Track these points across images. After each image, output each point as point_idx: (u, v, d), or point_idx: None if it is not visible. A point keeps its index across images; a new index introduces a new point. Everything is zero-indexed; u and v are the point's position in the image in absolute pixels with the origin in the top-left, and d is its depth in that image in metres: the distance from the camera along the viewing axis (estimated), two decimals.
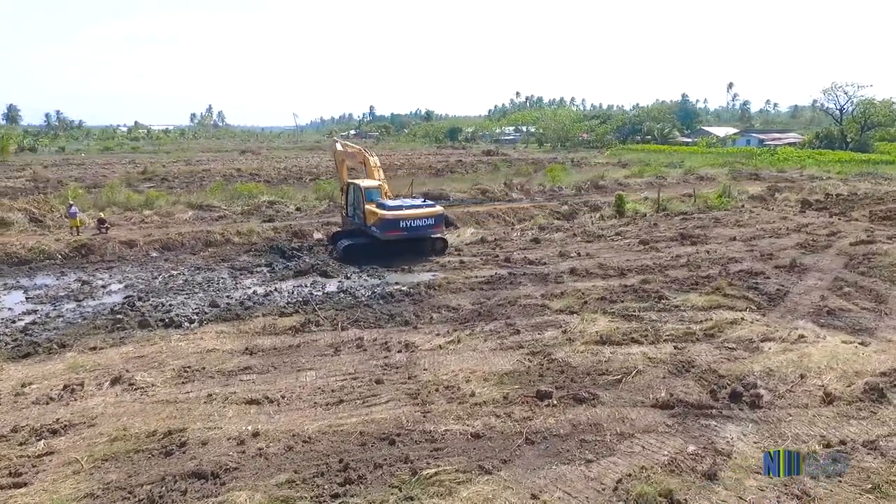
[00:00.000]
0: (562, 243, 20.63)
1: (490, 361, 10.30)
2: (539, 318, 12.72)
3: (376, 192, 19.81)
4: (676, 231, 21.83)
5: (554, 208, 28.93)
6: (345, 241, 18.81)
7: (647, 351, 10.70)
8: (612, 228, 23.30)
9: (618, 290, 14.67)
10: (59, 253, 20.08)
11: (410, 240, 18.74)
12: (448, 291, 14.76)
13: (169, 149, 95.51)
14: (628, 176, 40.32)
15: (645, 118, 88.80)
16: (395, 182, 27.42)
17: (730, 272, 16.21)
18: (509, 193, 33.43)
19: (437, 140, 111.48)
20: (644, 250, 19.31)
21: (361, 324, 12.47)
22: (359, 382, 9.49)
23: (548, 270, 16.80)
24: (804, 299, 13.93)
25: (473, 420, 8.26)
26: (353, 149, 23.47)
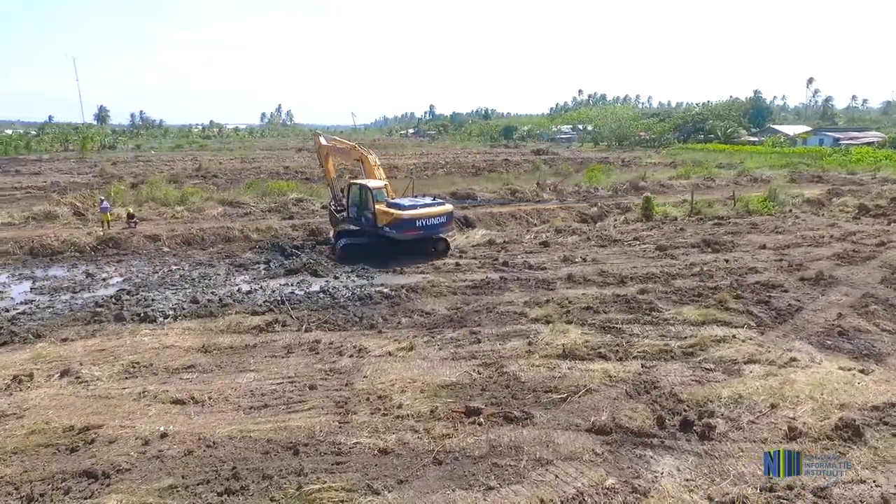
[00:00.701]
0: (571, 247, 19.70)
1: (436, 371, 9.85)
2: (511, 326, 12.10)
3: (383, 193, 19.61)
4: (701, 237, 20.34)
5: (581, 210, 27.81)
6: (343, 241, 18.77)
7: (610, 368, 9.90)
8: (634, 232, 22.05)
9: (609, 299, 13.77)
10: (88, 246, 21.16)
11: (417, 240, 18.50)
12: (429, 295, 14.35)
13: (233, 146, 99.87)
14: (673, 177, 38.24)
15: (708, 116, 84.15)
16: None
17: (743, 284, 14.88)
18: (540, 194, 32.47)
19: (491, 139, 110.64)
20: (658, 257, 18.10)
21: (327, 325, 12.30)
22: (293, 387, 9.30)
23: (544, 276, 16.03)
24: (817, 317, 12.54)
25: (389, 434, 7.87)
26: (345, 145, 22.75)
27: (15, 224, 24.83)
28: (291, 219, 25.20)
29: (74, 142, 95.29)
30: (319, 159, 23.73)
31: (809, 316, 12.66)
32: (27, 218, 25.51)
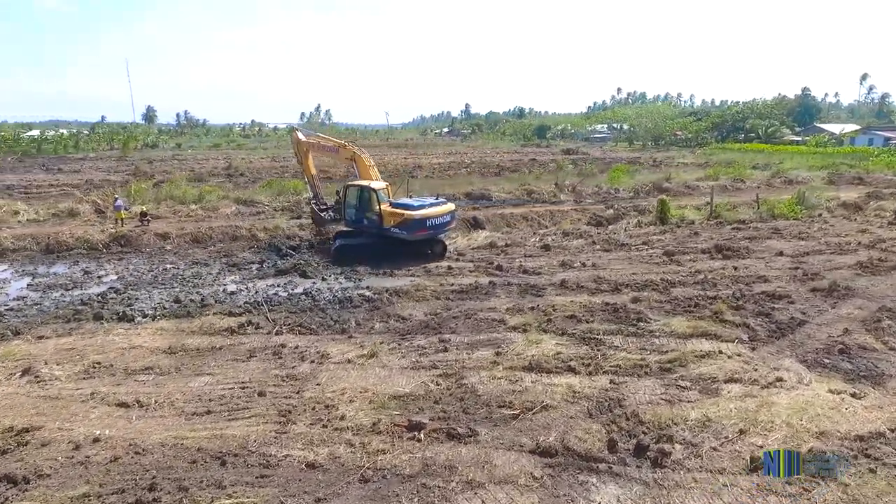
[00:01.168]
0: (574, 252, 18.99)
1: (392, 381, 9.50)
2: (486, 334, 11.63)
3: (386, 193, 19.35)
4: (715, 242, 19.30)
5: (597, 212, 26.94)
6: (338, 242, 18.62)
7: (576, 383, 9.35)
8: (644, 236, 21.14)
9: (598, 307, 13.12)
10: (100, 243, 21.70)
11: (418, 241, 18.22)
12: (412, 299, 14.01)
13: (269, 146, 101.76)
14: (701, 178, 36.70)
15: (749, 114, 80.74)
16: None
17: (746, 294, 13.98)
18: (557, 195, 31.67)
19: (524, 138, 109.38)
20: (663, 263, 17.25)
21: (299, 329, 12.11)
22: (242, 393, 9.12)
23: (536, 281, 15.46)
24: (820, 332, 11.61)
25: (322, 447, 7.57)
26: (331, 143, 21.85)
27: (40, 220, 25.72)
28: (299, 218, 25.24)
29: (119, 141, 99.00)
30: (297, 156, 22.75)
31: (812, 331, 11.73)
32: (52, 215, 26.42)
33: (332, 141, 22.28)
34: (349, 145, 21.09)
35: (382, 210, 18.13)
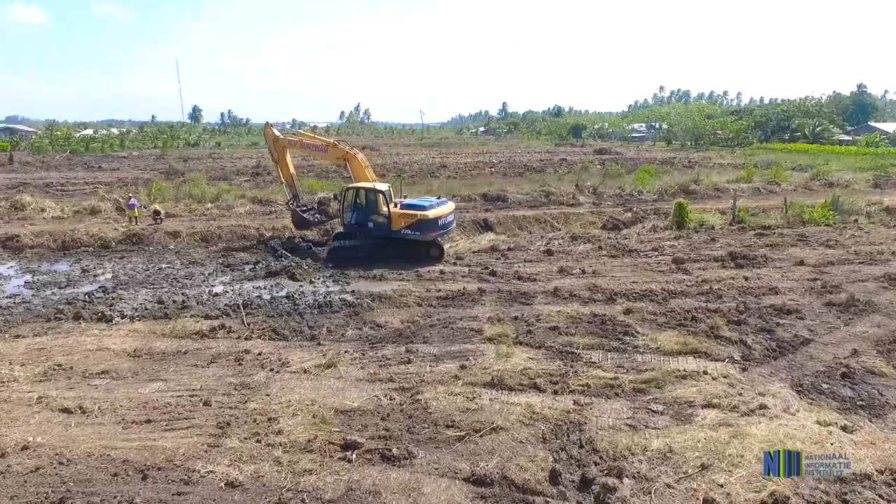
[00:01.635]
0: (578, 257, 18.17)
1: (343, 394, 9.09)
2: (458, 345, 11.09)
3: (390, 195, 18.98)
4: (730, 250, 18.13)
5: (613, 215, 25.88)
6: (334, 244, 18.36)
7: (537, 402, 8.73)
8: (657, 242, 20.09)
9: (585, 318, 12.38)
10: (114, 241, 22.14)
11: (418, 243, 17.87)
12: (393, 305, 13.57)
13: None
14: (733, 180, 34.92)
15: (795, 113, 76.79)
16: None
17: (751, 307, 12.97)
18: (576, 197, 30.63)
19: (559, 137, 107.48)
20: (669, 271, 16.27)
21: (271, 334, 11.86)
22: (189, 402, 8.88)
23: (528, 288, 14.79)
24: (824, 352, 10.60)
25: (249, 464, 7.23)
26: (319, 141, 20.50)
27: (64, 217, 26.50)
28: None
29: (163, 139, 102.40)
30: (272, 154, 21.18)
31: (816, 351, 10.72)
32: (75, 212, 27.21)
33: (319, 139, 21.04)
34: (340, 144, 20.18)
35: (391, 212, 17.75)
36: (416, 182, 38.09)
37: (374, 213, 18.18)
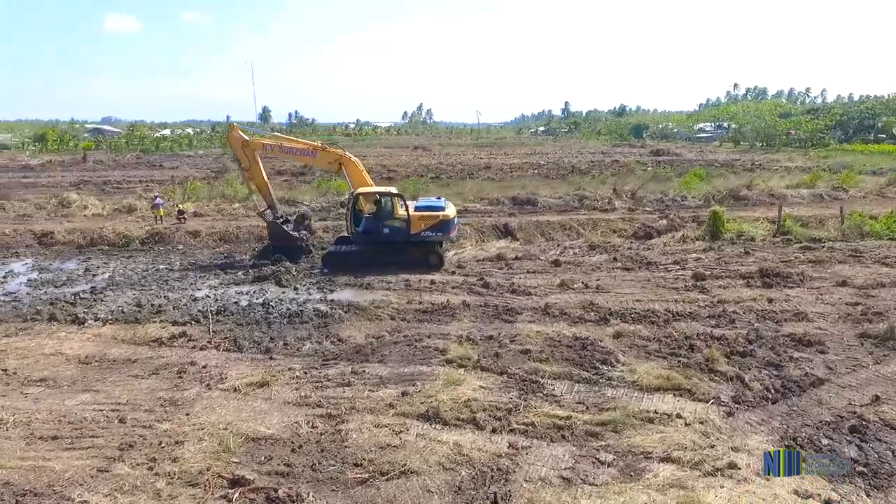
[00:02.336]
0: (587, 269, 16.74)
1: (264, 418, 8.42)
2: (413, 366, 10.20)
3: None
4: (763, 265, 16.14)
5: (648, 222, 24.02)
6: (332, 248, 17.86)
7: (468, 442, 7.73)
8: (682, 254, 18.27)
9: (565, 341, 11.16)
10: (137, 239, 22.73)
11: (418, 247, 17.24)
12: (365, 318, 12.82)
13: (362, 144, 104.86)
14: (793, 185, 31.81)
15: (882, 111, 69.76)
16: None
17: (765, 336, 11.29)
18: (612, 201, 28.82)
19: (620, 137, 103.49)
20: (684, 288, 14.62)
21: (228, 344, 11.40)
22: (105, 417, 8.49)
23: (519, 303, 13.65)
24: (837, 398, 8.94)
25: (127, 496, 6.69)
26: (304, 145, 18.70)
27: (103, 215, 27.63)
28: (325, 220, 24.92)
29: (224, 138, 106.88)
30: (241, 161, 18.31)
31: (828, 394, 9.06)
32: (114, 210, 28.31)
33: (304, 143, 19.22)
34: (331, 148, 18.94)
35: (412, 215, 17.18)
36: (453, 183, 37.34)
37: (391, 219, 17.51)
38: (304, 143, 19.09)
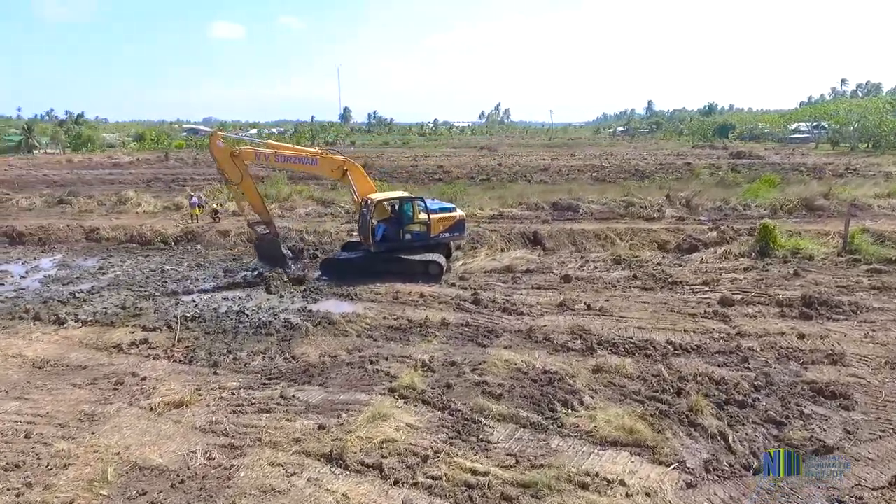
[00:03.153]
0: (599, 287, 15.05)
1: (164, 444, 7.85)
2: (350, 394, 9.31)
3: None
4: (809, 291, 13.78)
5: (695, 233, 21.63)
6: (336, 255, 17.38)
7: (359, 496, 6.77)
8: (717, 273, 16.06)
9: (532, 375, 9.84)
10: (172, 238, 23.42)
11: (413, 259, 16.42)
12: (331, 333, 12.06)
13: (433, 143, 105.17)
14: (884, 194, 27.70)
15: None
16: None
17: (777, 382, 9.40)
18: (662, 209, 26.40)
19: (703, 137, 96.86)
20: (703, 315, 12.68)
21: (184, 354, 11.04)
22: (15, 430, 8.27)
23: (504, 325, 12.39)
24: (843, 475, 7.04)
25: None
26: (302, 152, 17.13)
27: (153, 212, 28.93)
28: (350, 223, 24.52)
29: (296, 137, 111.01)
30: (227, 175, 15.95)
31: (834, 468, 7.18)
32: (163, 207, 29.58)
33: (303, 150, 17.46)
34: (335, 155, 17.19)
35: (432, 218, 16.82)
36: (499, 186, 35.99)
37: (412, 223, 16.87)
38: (302, 151, 17.61)
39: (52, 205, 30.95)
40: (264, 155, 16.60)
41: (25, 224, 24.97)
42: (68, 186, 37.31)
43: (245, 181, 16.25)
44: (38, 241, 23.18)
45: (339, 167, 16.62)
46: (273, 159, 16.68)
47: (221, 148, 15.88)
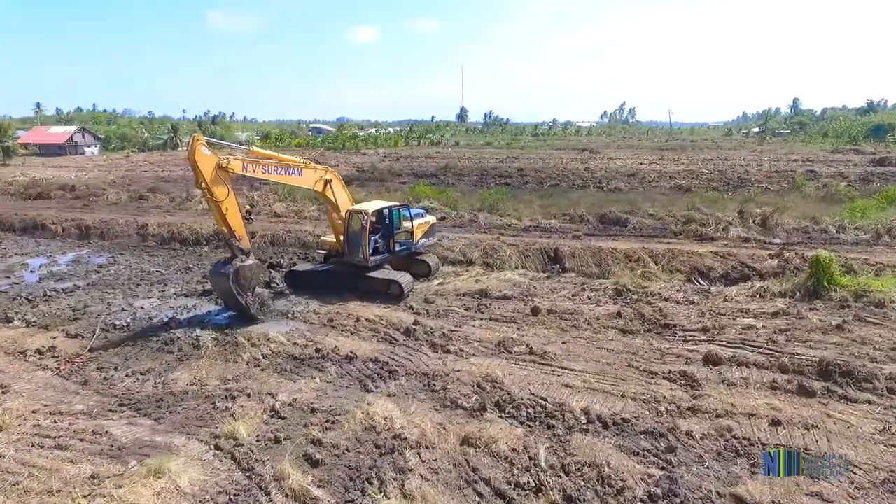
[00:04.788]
0: (569, 325, 12.59)
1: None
2: (169, 436, 8.32)
3: None
4: (831, 355, 10.32)
5: (749, 260, 17.92)
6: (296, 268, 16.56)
7: None
8: (732, 316, 12.76)
9: (375, 441, 8.15)
10: (204, 237, 24.26)
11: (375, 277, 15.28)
12: (224, 357, 11.11)
13: (539, 145, 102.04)
14: None
15: None
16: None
17: (679, 490, 6.81)
18: (727, 228, 22.32)
19: (852, 139, 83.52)
20: (667, 377, 9.93)
21: (70, 368, 10.76)
22: None
23: (414, 366, 10.65)
24: None
25: None
26: (289, 162, 14.81)
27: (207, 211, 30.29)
28: None
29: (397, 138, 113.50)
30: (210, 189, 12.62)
31: None
32: None
33: (288, 159, 15.04)
34: (317, 165, 15.51)
35: (414, 225, 16.44)
36: (554, 194, 33.14)
37: (398, 232, 15.99)
38: (287, 160, 15.10)
39: (133, 199, 33.78)
40: (251, 166, 13.79)
41: (95, 218, 27.27)
42: (168, 182, 40.73)
43: (230, 197, 13.05)
44: (100, 235, 25.19)
45: (321, 178, 15.18)
46: (260, 170, 13.97)
47: (207, 157, 12.51)
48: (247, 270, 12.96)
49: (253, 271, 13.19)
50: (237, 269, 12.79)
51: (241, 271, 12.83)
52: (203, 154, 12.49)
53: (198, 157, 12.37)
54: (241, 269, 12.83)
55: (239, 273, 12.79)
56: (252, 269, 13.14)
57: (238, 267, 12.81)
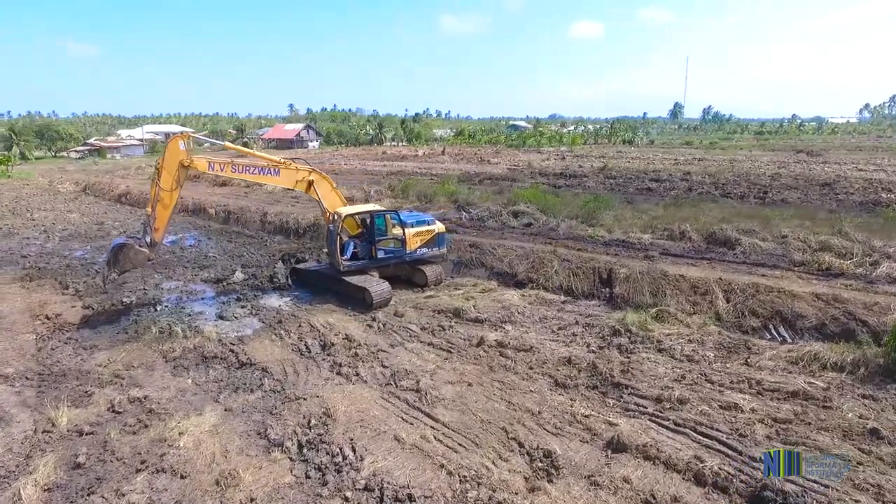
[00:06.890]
0: (498, 364, 10.37)
1: None
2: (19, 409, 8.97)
3: None
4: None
5: (859, 310, 12.96)
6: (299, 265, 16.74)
7: None
8: (725, 387, 9.15)
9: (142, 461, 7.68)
10: (302, 228, 26.17)
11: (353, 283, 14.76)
12: (147, 345, 11.68)
13: (753, 145, 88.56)
14: None
15: None
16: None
17: None
18: (878, 264, 16.34)
19: None
20: (537, 468, 7.58)
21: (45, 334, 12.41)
22: None
23: (283, 380, 9.90)
24: None
25: None
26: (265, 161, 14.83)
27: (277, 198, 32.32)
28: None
29: (579, 137, 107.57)
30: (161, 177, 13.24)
31: None
32: (286, 191, 32.48)
33: (265, 157, 15.15)
34: (297, 165, 15.01)
35: (406, 232, 15.67)
36: (700, 203, 27.82)
37: (384, 239, 15.58)
38: (264, 159, 15.16)
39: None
40: (219, 164, 14.12)
41: (237, 204, 31.19)
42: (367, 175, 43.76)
43: (175, 192, 13.58)
44: (235, 220, 28.92)
45: (303, 178, 14.97)
46: (229, 169, 14.17)
47: (180, 151, 13.46)
48: (133, 254, 13.18)
49: (136, 260, 13.41)
50: (126, 244, 13.17)
51: (127, 250, 13.11)
52: (177, 148, 13.52)
53: (172, 148, 13.50)
54: (130, 247, 13.12)
55: (124, 249, 13.10)
56: (138, 257, 13.33)
57: (129, 244, 13.14)
